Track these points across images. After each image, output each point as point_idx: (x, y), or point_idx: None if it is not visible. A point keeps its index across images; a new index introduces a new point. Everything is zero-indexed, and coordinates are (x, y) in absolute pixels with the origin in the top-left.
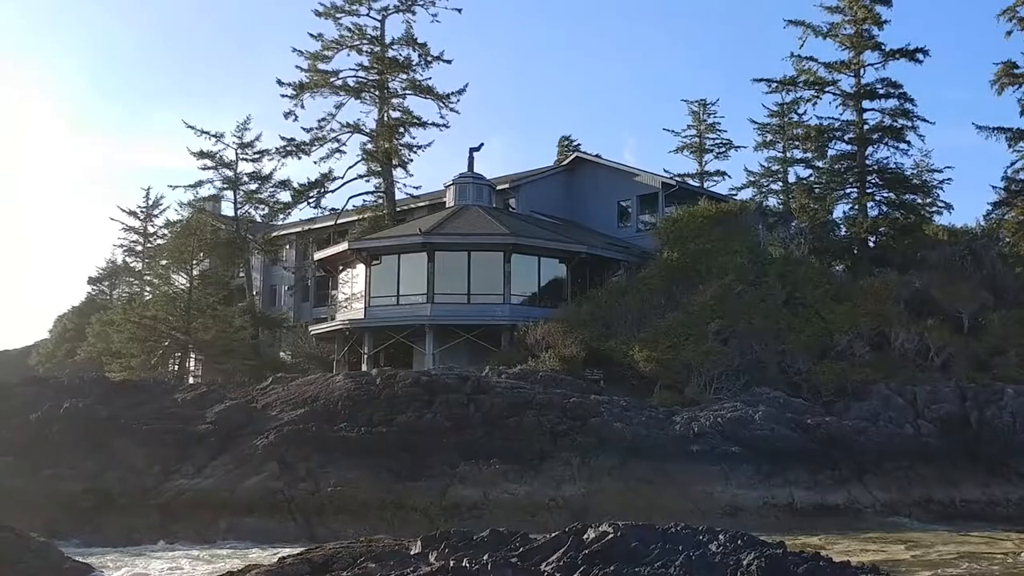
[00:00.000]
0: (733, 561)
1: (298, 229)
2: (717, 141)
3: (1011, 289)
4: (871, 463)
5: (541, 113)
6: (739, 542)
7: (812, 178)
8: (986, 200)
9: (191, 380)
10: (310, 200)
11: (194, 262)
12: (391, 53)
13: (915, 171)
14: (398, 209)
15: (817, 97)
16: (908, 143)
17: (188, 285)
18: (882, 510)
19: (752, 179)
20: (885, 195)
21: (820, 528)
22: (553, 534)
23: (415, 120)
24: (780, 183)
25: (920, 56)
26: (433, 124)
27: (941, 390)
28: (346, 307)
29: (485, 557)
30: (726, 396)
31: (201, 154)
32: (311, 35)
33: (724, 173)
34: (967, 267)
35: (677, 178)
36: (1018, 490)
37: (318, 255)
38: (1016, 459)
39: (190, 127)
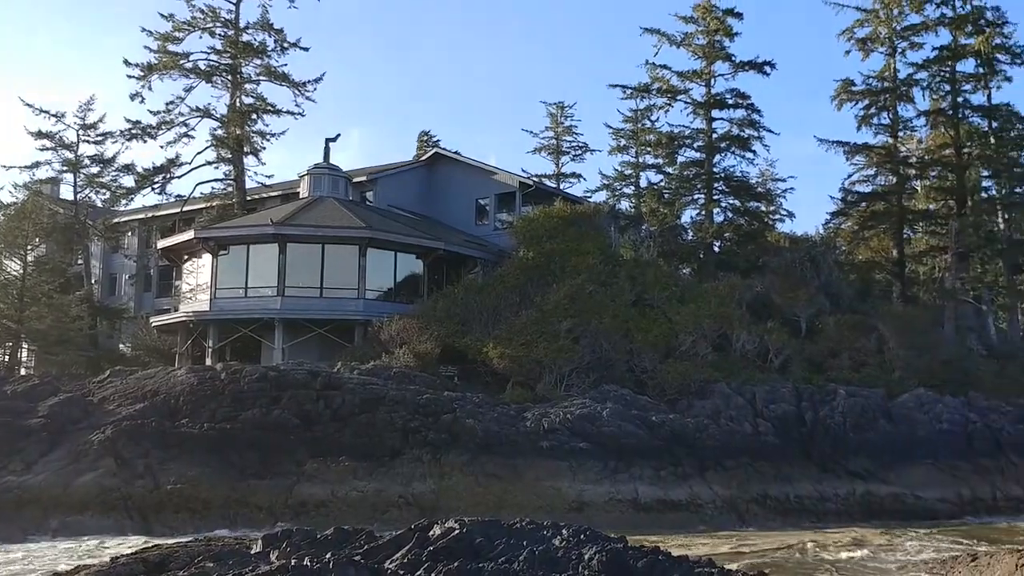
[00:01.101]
0: (575, 555)
1: (141, 216)
2: (574, 144)
3: (845, 295)
4: (712, 460)
5: (403, 107)
6: (582, 536)
7: (662, 183)
8: (825, 210)
9: (23, 372)
10: (155, 186)
11: (29, 247)
12: (246, 38)
13: (760, 180)
14: (249, 198)
15: (669, 105)
16: (754, 152)
17: (21, 271)
18: (722, 506)
19: (606, 182)
20: (731, 202)
21: (664, 523)
22: (399, 531)
23: (269, 107)
24: (632, 187)
25: (768, 69)
26: (288, 112)
27: (779, 390)
28: (190, 298)
29: (328, 555)
30: (576, 393)
31: (39, 134)
32: (162, 15)
33: (580, 175)
34: (806, 273)
35: (534, 178)
36: (846, 486)
37: (162, 243)
38: (845, 457)
39: (28, 105)
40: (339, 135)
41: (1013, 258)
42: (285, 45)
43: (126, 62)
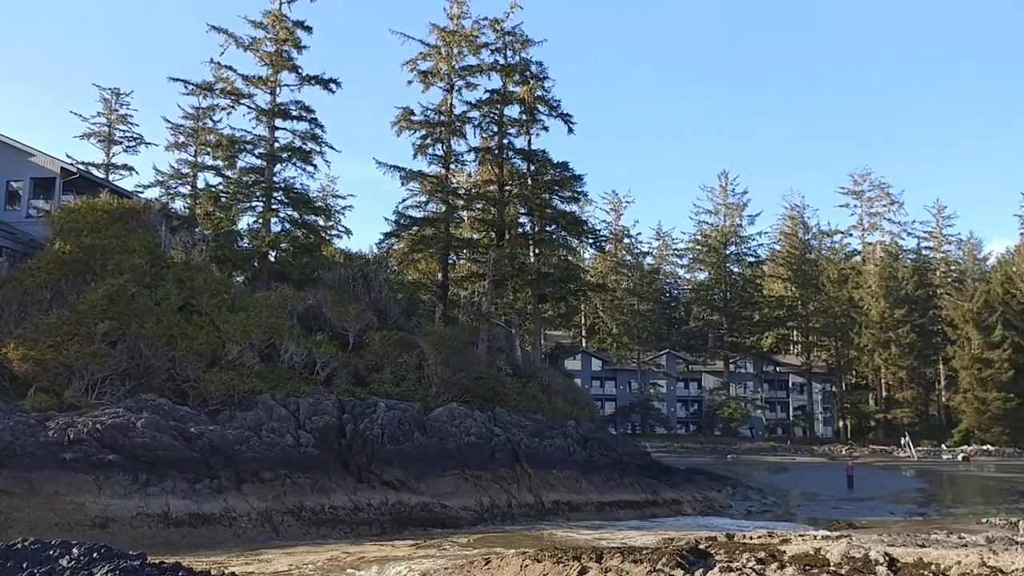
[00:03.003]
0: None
1: None
2: (128, 134)
3: (393, 312)
4: (250, 472)
5: None
6: (95, 555)
7: (220, 187)
8: (380, 230)
9: None
10: None
11: None
12: None
13: (320, 194)
14: None
15: (232, 107)
16: (315, 166)
17: None
18: (257, 519)
19: (161, 179)
20: (289, 213)
21: (197, 538)
22: None
23: None
24: (189, 187)
25: (333, 86)
26: None
27: (323, 402)
28: None
29: None
30: (109, 401)
31: None
32: None
33: (132, 168)
34: (358, 289)
35: (80, 166)
36: (379, 496)
37: None
38: (381, 468)
39: None
40: None
41: (540, 288)
42: None
43: None
